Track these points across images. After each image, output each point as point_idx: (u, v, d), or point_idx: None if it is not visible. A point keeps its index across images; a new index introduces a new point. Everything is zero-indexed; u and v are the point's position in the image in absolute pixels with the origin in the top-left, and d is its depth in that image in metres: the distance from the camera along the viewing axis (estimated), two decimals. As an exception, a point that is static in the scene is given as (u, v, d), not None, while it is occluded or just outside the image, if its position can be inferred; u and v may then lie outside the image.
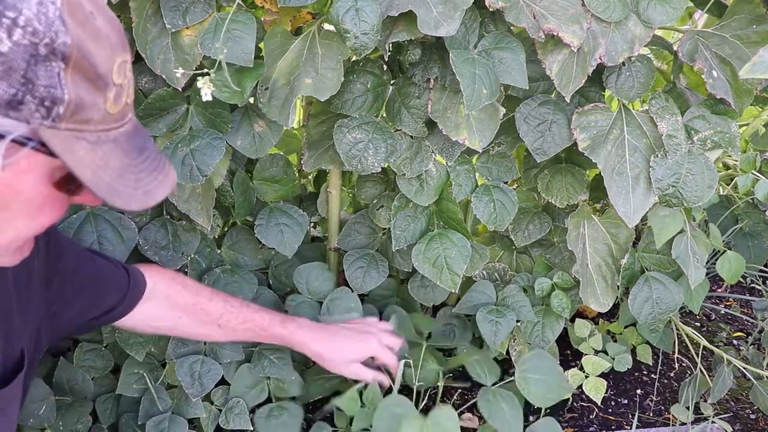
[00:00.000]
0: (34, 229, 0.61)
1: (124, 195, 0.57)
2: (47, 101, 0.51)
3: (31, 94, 0.50)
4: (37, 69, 0.50)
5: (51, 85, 0.51)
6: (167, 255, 1.11)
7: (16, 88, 0.49)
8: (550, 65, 1.02)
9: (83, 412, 1.14)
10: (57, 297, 0.84)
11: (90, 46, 0.53)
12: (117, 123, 0.58)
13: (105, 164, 0.56)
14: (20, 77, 0.49)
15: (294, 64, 0.97)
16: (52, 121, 0.52)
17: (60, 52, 0.50)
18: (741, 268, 1.30)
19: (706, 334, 1.68)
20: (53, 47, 0.50)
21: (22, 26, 0.49)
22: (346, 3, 0.86)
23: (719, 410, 1.44)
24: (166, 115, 1.01)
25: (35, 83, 0.50)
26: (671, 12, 1.01)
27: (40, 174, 0.56)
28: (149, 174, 0.61)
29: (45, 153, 0.53)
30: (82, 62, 0.52)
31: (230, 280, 1.17)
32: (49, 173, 0.57)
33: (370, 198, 1.25)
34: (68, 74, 0.51)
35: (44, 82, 0.50)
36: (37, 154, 0.53)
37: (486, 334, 1.18)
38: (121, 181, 0.57)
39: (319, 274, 1.23)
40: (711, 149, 1.11)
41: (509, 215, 1.17)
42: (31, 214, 0.59)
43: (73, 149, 0.54)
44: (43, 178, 0.56)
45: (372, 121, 1.05)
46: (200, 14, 0.92)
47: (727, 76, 1.09)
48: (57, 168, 0.57)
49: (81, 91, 0.53)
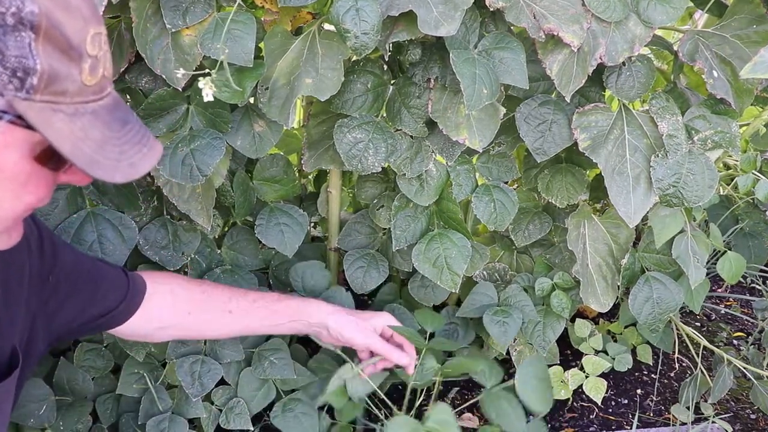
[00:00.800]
0: (21, 209, 0.61)
1: (106, 166, 0.57)
2: (19, 72, 0.51)
3: (2, 65, 0.50)
4: (6, 39, 0.50)
5: (22, 56, 0.51)
6: (167, 255, 1.11)
7: None
8: (550, 65, 1.02)
9: (83, 412, 1.14)
10: (53, 293, 0.84)
11: (60, 17, 0.52)
12: (95, 96, 0.58)
13: (85, 136, 0.56)
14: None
15: (294, 64, 0.97)
16: (27, 93, 0.52)
17: (28, 21, 0.50)
18: (741, 268, 1.30)
19: (707, 334, 1.68)
20: (20, 16, 0.50)
21: None
22: (347, 3, 0.86)
23: (719, 410, 1.44)
24: (166, 115, 1.01)
25: (5, 53, 0.50)
26: (671, 12, 1.00)
27: (20, 149, 0.56)
28: (133, 146, 0.60)
29: (22, 126, 0.53)
30: (52, 32, 0.52)
31: (230, 280, 1.17)
32: (30, 148, 0.57)
33: (370, 198, 1.25)
34: (39, 44, 0.51)
35: (14, 53, 0.50)
36: (14, 128, 0.53)
37: (495, 335, 1.18)
38: (102, 152, 0.57)
39: (315, 272, 1.23)
40: (711, 149, 1.11)
41: (509, 215, 1.17)
42: (16, 192, 0.58)
43: (50, 121, 0.54)
44: (24, 153, 0.56)
45: (372, 120, 1.05)
46: (200, 14, 0.92)
47: (728, 76, 1.08)
48: (37, 143, 0.56)
49: (53, 61, 0.52)
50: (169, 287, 0.99)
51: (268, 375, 1.17)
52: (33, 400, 1.07)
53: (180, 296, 0.99)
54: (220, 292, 1.02)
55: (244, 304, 1.01)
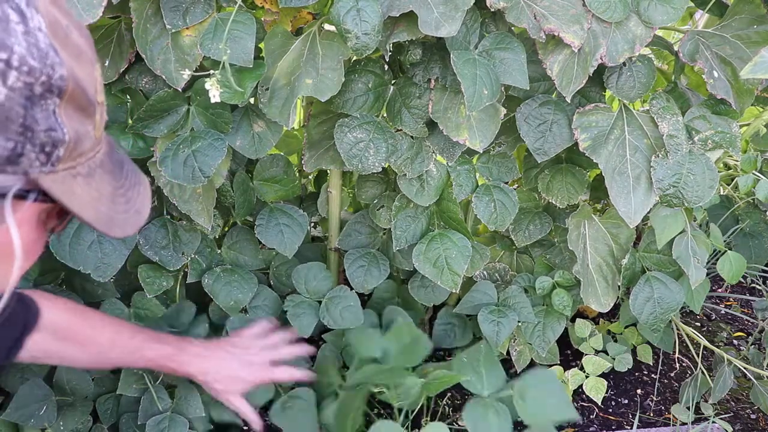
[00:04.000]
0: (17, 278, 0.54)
1: (121, 222, 0.53)
2: (48, 146, 0.45)
3: (31, 143, 0.43)
4: (35, 113, 0.43)
5: (51, 128, 0.44)
6: (167, 255, 1.11)
7: (14, 141, 0.42)
8: (551, 65, 1.02)
9: (84, 412, 1.14)
10: None
11: (79, 71, 0.46)
12: (99, 145, 0.52)
13: (99, 195, 0.52)
14: (18, 127, 0.42)
15: (295, 65, 0.97)
16: (52, 166, 0.46)
17: (57, 87, 0.44)
18: (742, 268, 1.30)
19: (707, 334, 1.68)
20: (50, 84, 0.43)
21: (17, 67, 0.41)
22: (348, 3, 0.86)
23: (720, 410, 1.44)
24: (167, 116, 1.01)
25: (35, 130, 0.43)
26: (672, 12, 1.00)
27: (33, 221, 0.51)
28: (133, 188, 0.57)
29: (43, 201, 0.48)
30: (76, 92, 0.46)
31: (230, 279, 1.17)
32: (39, 215, 0.51)
33: (370, 198, 1.25)
34: (62, 109, 0.45)
35: (43, 127, 0.44)
36: (34, 204, 0.48)
37: (488, 334, 1.19)
38: (114, 207, 0.53)
39: (317, 274, 1.23)
40: (712, 149, 1.11)
41: (510, 215, 1.17)
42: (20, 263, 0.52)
43: (72, 190, 0.48)
44: (33, 223, 0.51)
45: (373, 120, 1.05)
46: (200, 15, 0.92)
47: (728, 76, 1.08)
48: (46, 208, 0.51)
49: (76, 124, 0.47)
50: (54, 322, 0.91)
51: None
52: (33, 400, 1.07)
53: (63, 332, 0.93)
54: (103, 337, 0.96)
55: (121, 355, 0.98)
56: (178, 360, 1.01)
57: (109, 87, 1.03)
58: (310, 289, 1.23)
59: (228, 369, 1.03)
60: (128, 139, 1.02)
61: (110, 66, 1.00)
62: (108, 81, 1.00)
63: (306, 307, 1.21)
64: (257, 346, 1.09)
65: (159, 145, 1.01)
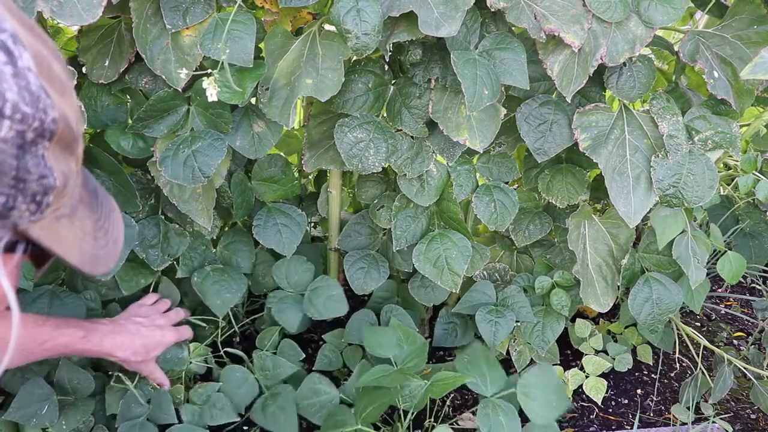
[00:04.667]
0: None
1: (102, 258, 0.51)
2: (39, 195, 0.41)
3: (23, 194, 0.39)
4: (27, 161, 0.39)
5: (42, 175, 0.40)
6: (154, 254, 1.12)
7: (6, 195, 0.38)
8: (551, 65, 1.02)
9: (85, 411, 1.13)
10: None
11: (66, 108, 0.42)
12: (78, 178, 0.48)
13: (84, 234, 0.49)
14: (11, 180, 0.38)
15: (295, 65, 0.97)
16: (41, 214, 0.42)
17: (49, 132, 0.40)
18: (742, 269, 1.30)
19: (707, 334, 1.68)
20: (42, 129, 0.39)
21: (9, 115, 0.36)
22: (348, 3, 0.86)
23: (720, 410, 1.44)
24: (167, 117, 1.01)
25: (27, 180, 0.39)
26: (672, 12, 1.00)
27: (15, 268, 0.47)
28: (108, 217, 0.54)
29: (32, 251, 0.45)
30: (65, 132, 0.42)
31: (219, 278, 1.17)
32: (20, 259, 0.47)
33: (370, 198, 1.25)
34: (50, 152, 0.41)
35: (36, 175, 0.40)
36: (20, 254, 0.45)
37: (485, 334, 1.19)
38: (95, 243, 0.50)
39: (297, 267, 1.24)
40: (712, 149, 1.11)
41: (510, 215, 1.17)
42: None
43: (58, 234, 0.45)
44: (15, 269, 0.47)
45: (373, 120, 1.05)
46: (200, 15, 0.92)
47: (728, 76, 1.08)
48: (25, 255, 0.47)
49: (62, 164, 0.43)
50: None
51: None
52: (35, 399, 1.07)
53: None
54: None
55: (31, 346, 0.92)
56: (93, 340, 0.99)
57: (109, 87, 1.03)
58: (292, 282, 1.23)
59: (142, 338, 1.05)
60: (128, 139, 1.02)
61: (110, 66, 1.00)
62: (108, 81, 1.00)
63: (290, 302, 1.22)
64: (157, 312, 1.12)
65: (159, 145, 1.01)
